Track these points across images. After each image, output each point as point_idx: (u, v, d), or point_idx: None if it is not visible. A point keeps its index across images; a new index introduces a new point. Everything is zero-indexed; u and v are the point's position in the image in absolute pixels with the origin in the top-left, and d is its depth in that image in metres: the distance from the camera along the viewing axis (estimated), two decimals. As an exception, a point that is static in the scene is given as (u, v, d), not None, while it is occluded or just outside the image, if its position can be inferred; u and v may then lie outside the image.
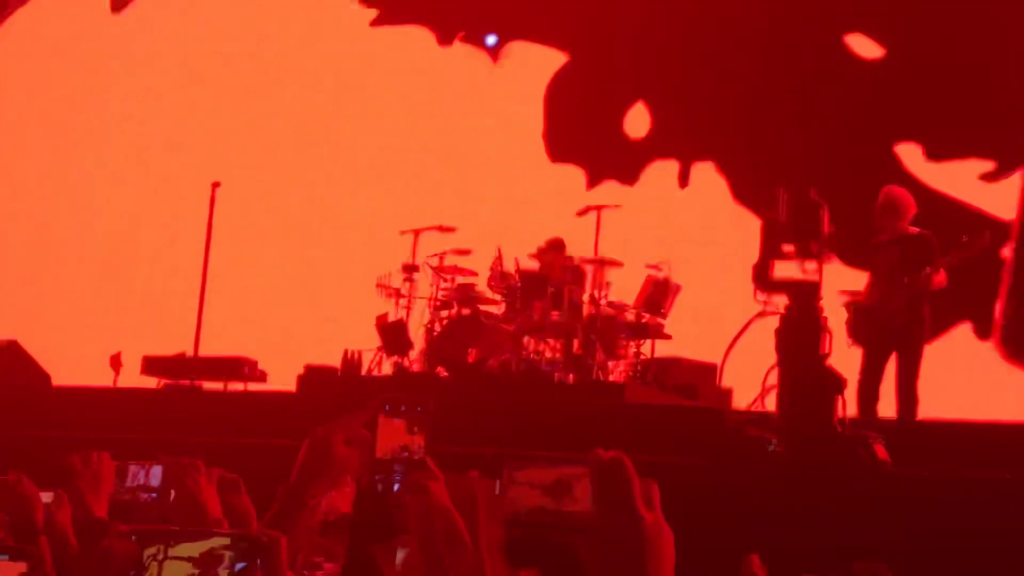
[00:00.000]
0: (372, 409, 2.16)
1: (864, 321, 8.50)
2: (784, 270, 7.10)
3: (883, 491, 6.23)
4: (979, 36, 11.87)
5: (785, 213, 7.16)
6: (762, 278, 7.09)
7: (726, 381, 10.27)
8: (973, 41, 11.87)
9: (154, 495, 2.78)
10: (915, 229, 8.65)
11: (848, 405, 7.13)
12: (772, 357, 7.13)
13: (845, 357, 7.88)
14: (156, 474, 2.83)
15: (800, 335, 6.82)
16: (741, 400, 9.82)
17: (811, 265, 7.18)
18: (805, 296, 6.92)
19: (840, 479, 6.31)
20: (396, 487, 2.08)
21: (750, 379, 7.92)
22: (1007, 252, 7.15)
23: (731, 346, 7.71)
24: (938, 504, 6.02)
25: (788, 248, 7.11)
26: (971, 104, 11.77)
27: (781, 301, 7.07)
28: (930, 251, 8.46)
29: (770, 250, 7.10)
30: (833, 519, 6.08)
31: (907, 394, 8.33)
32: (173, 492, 2.65)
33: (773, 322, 7.07)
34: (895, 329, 8.37)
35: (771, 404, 7.46)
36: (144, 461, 2.80)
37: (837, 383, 6.87)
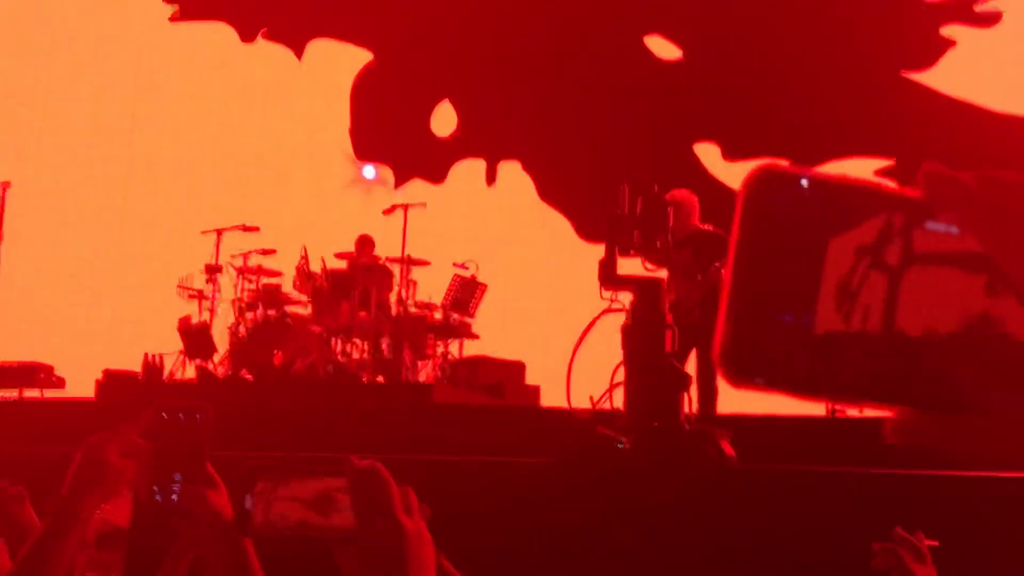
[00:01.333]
0: (148, 417, 2.08)
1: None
2: (628, 266, 7.15)
3: (729, 486, 6.32)
4: (774, 38, 12.24)
5: (628, 209, 7.19)
6: (608, 274, 7.11)
7: (534, 379, 10.38)
8: (769, 43, 12.23)
9: None
10: (707, 226, 8.87)
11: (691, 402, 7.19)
12: (615, 354, 7.15)
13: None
14: None
15: (645, 332, 6.82)
16: (547, 398, 9.91)
17: (652, 264, 7.24)
18: (649, 292, 6.95)
19: (687, 476, 6.36)
20: (174, 496, 2.02)
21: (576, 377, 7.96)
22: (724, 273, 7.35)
23: (578, 344, 7.72)
24: (780, 497, 6.15)
25: (633, 245, 7.15)
26: (767, 104, 12.13)
27: (627, 298, 7.08)
28: (720, 247, 8.67)
29: (615, 246, 7.12)
30: (682, 517, 6.13)
31: (706, 388, 8.52)
32: None
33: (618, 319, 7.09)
34: (692, 325, 8.56)
35: (618, 402, 7.49)
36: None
37: (682, 380, 6.91)
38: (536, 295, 11.79)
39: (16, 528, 2.67)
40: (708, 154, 12.29)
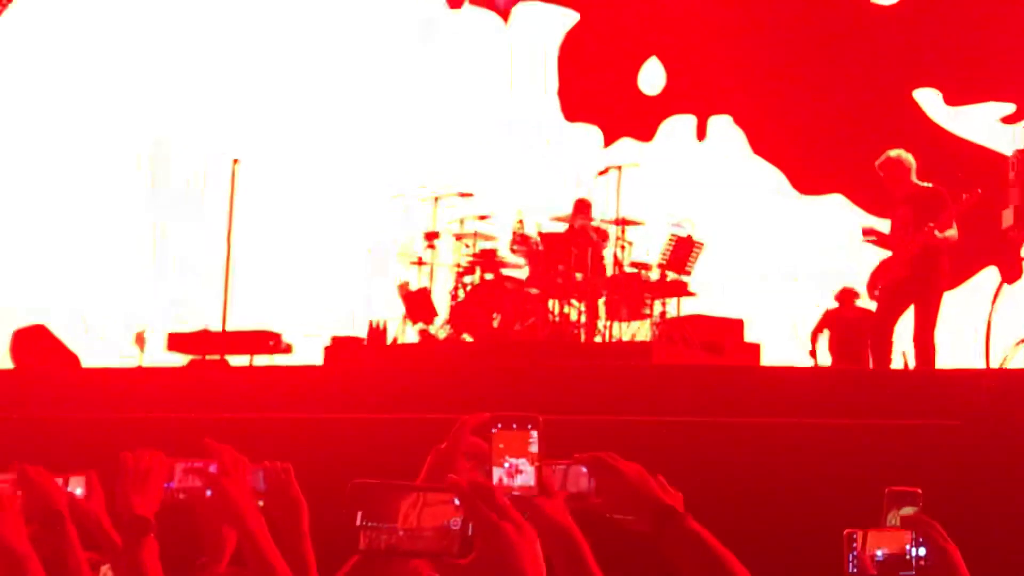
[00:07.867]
0: (480, 420, 2.21)
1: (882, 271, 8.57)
2: None
3: None
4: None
5: None
6: None
7: (754, 337, 10.28)
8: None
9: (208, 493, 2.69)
10: (927, 184, 8.63)
11: None
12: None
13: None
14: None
15: None
16: (770, 355, 9.81)
17: None
18: None
19: None
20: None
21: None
22: None
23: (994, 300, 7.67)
24: None
25: None
26: (988, 47, 11.66)
27: None
28: (938, 204, 8.44)
29: None
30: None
31: (923, 345, 8.31)
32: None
33: None
34: (904, 280, 8.41)
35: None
36: (193, 459, 2.73)
37: None
38: (753, 251, 11.64)
39: (290, 502, 2.72)
40: (929, 100, 11.90)
